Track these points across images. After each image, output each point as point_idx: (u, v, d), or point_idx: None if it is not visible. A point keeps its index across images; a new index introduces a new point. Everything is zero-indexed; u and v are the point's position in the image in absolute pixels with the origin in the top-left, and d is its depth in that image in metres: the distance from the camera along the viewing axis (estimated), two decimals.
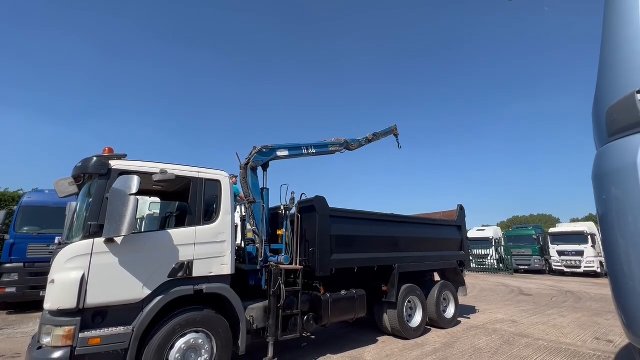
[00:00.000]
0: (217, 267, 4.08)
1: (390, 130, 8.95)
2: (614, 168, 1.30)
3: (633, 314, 1.22)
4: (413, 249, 6.75)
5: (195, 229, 4.02)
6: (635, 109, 1.19)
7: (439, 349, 5.58)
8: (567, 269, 19.83)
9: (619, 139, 1.30)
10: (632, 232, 1.18)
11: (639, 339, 1.23)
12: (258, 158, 5.68)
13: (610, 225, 1.32)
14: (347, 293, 5.50)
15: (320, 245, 5.16)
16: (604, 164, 1.38)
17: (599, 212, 1.39)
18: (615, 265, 1.30)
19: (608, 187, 1.34)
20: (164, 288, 3.67)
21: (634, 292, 1.19)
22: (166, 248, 3.77)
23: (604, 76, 1.38)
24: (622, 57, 1.28)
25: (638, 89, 1.21)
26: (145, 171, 3.82)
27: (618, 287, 1.30)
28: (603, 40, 1.41)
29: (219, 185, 4.38)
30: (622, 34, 1.30)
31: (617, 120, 1.27)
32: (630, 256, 1.22)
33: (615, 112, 1.27)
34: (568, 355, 5.27)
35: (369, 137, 8.18)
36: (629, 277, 1.19)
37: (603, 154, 1.41)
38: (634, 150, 1.21)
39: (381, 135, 8.66)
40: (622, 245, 1.23)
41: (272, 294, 4.50)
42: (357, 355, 5.23)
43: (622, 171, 1.25)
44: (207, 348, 3.81)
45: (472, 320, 7.75)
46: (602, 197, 1.34)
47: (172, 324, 3.60)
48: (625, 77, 1.24)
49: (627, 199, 1.22)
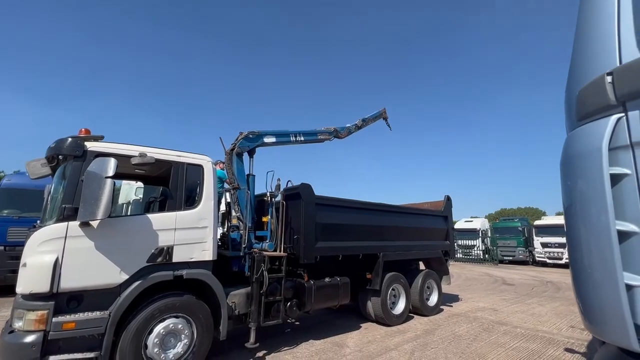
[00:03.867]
0: (198, 252, 4.03)
1: (379, 114, 8.83)
2: (579, 152, 1.26)
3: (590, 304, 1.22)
4: (399, 238, 6.81)
5: (176, 214, 3.95)
6: (604, 92, 1.14)
7: (420, 335, 5.70)
8: (549, 260, 20.42)
9: (587, 123, 1.26)
10: (593, 220, 1.16)
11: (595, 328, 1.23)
12: (244, 144, 5.57)
13: (573, 213, 1.29)
14: (331, 280, 5.54)
15: (305, 232, 5.15)
16: (571, 148, 1.34)
17: (564, 199, 1.36)
18: (576, 254, 1.28)
19: (572, 173, 1.31)
20: (143, 273, 3.61)
21: (592, 281, 1.18)
22: (145, 233, 3.69)
23: (577, 59, 1.33)
24: (595, 39, 1.23)
25: (608, 71, 1.17)
26: (123, 154, 3.70)
27: (577, 276, 1.28)
28: (578, 21, 1.36)
29: (202, 170, 4.29)
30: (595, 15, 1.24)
31: (587, 103, 1.22)
32: (591, 245, 1.19)
33: (585, 95, 1.23)
34: (544, 342, 5.44)
35: (358, 123, 8.09)
36: (588, 267, 1.18)
37: (571, 138, 1.37)
38: (600, 134, 1.17)
39: (370, 121, 8.56)
40: (583, 233, 1.21)
41: (255, 280, 4.49)
42: (340, 341, 5.31)
43: (586, 155, 1.21)
44: (187, 333, 3.80)
45: (454, 308, 7.93)
46: (567, 184, 1.31)
47: (150, 309, 3.57)
48: (596, 59, 1.19)
49: (590, 185, 1.18)
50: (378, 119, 8.87)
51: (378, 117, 8.81)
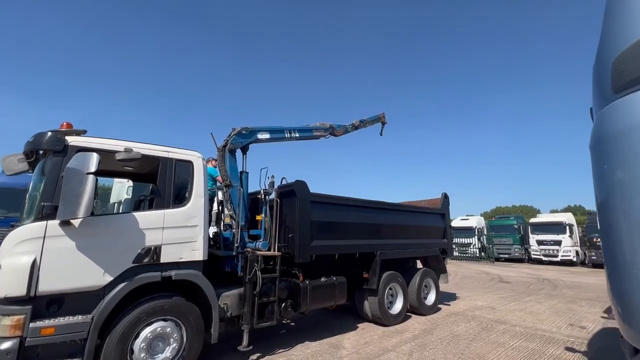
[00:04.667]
0: (187, 252, 3.85)
1: (377, 117, 8.65)
2: (617, 130, 1.06)
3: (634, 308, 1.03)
4: (396, 236, 6.68)
5: (164, 212, 3.76)
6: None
7: (418, 335, 5.57)
8: (545, 258, 20.49)
9: (628, 94, 1.04)
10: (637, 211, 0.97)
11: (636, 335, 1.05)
12: (237, 140, 5.39)
13: (610, 203, 1.10)
14: (327, 280, 5.38)
15: (300, 231, 4.99)
16: (605, 126, 1.14)
17: (597, 187, 1.17)
18: (615, 251, 1.09)
19: (609, 155, 1.10)
20: (129, 274, 3.43)
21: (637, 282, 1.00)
22: (131, 232, 3.51)
23: (611, 23, 1.14)
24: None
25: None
26: (107, 149, 3.51)
27: (616, 276, 1.09)
28: None
29: (191, 167, 4.11)
30: None
31: (627, 70, 1.01)
32: (634, 240, 0.98)
33: (623, 62, 1.02)
34: (543, 340, 5.35)
35: (355, 123, 7.92)
36: (631, 265, 1.00)
37: (604, 115, 1.17)
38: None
39: (368, 123, 8.39)
40: (624, 227, 1.02)
41: (248, 281, 4.32)
42: (336, 342, 5.17)
43: (627, 133, 1.00)
44: (176, 337, 3.62)
45: (452, 307, 7.83)
46: (602, 169, 1.13)
47: (137, 312, 3.39)
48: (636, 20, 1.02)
49: (633, 169, 0.98)
50: (376, 122, 8.67)
51: (376, 120, 8.61)
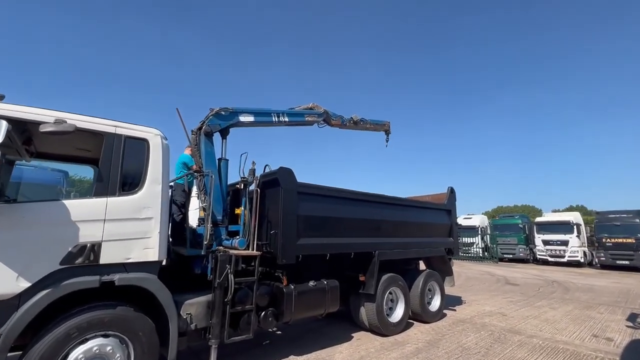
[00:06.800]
0: (138, 251, 3.09)
1: (381, 124, 7.64)
2: None
3: None
4: (396, 234, 5.92)
5: (107, 200, 3.00)
6: None
7: (421, 348, 4.82)
8: (551, 258, 19.69)
9: None
10: None
11: None
12: (214, 121, 4.63)
13: None
14: (316, 284, 4.63)
15: (284, 227, 4.24)
16: None
17: None
18: None
19: None
20: (55, 279, 2.68)
21: None
22: (59, 225, 2.75)
23: None
24: None
25: None
26: (27, 118, 2.74)
27: None
28: None
29: (146, 146, 3.34)
30: None
31: None
32: None
33: None
34: (567, 356, 4.61)
35: (354, 117, 6.93)
36: None
37: None
38: None
39: (369, 125, 7.33)
40: None
41: (218, 286, 3.57)
42: (326, 357, 4.42)
43: None
44: (120, 356, 2.87)
45: (458, 313, 7.08)
46: None
47: (65, 327, 2.63)
48: None
49: None
50: (379, 129, 7.72)
51: (379, 126, 7.60)
